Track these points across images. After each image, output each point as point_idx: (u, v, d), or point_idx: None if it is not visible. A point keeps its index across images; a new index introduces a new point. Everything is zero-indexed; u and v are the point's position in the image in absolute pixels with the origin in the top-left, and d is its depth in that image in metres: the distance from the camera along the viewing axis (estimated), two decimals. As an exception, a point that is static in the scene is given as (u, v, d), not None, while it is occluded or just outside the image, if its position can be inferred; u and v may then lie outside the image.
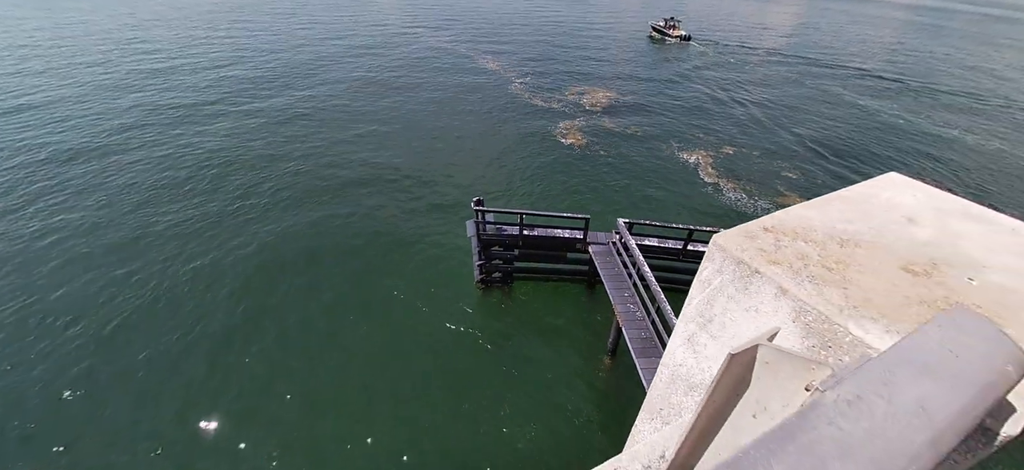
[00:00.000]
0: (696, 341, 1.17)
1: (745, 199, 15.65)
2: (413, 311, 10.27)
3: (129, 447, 7.40)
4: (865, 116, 24.83)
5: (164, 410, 8.00)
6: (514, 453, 7.67)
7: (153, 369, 8.71)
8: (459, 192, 15.27)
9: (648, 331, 8.31)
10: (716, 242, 1.04)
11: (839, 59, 39.97)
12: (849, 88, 30.30)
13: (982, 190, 17.38)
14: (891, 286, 0.91)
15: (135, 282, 10.75)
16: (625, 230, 9.63)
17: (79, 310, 9.88)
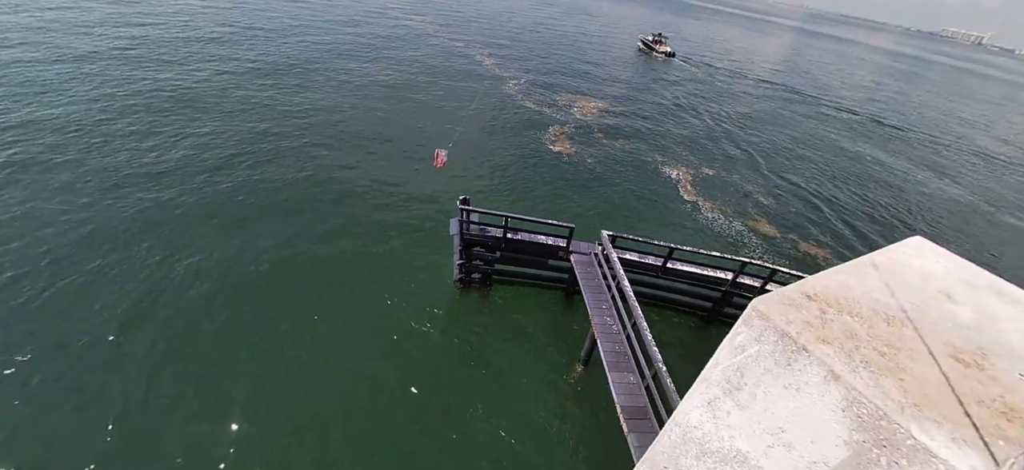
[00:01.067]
0: (718, 406, 1.08)
1: (721, 220, 16.04)
2: (385, 305, 9.96)
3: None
4: (838, 153, 26.00)
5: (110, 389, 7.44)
6: (479, 453, 7.53)
7: (90, 352, 8.09)
8: (443, 187, 14.99)
9: (623, 345, 8.33)
10: (756, 308, 0.95)
11: (820, 93, 41.80)
12: (827, 123, 31.68)
13: (936, 231, 18.41)
14: (945, 379, 0.84)
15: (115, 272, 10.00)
16: (608, 243, 9.64)
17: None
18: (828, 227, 16.98)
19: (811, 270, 13.46)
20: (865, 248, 16.05)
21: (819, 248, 15.50)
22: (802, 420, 0.86)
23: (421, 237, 12.37)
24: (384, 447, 7.37)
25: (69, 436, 6.79)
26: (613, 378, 7.74)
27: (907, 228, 18.41)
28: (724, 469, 0.97)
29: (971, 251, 17.40)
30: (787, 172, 21.33)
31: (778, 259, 14.34)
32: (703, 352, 8.48)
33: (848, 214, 18.29)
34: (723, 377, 1.06)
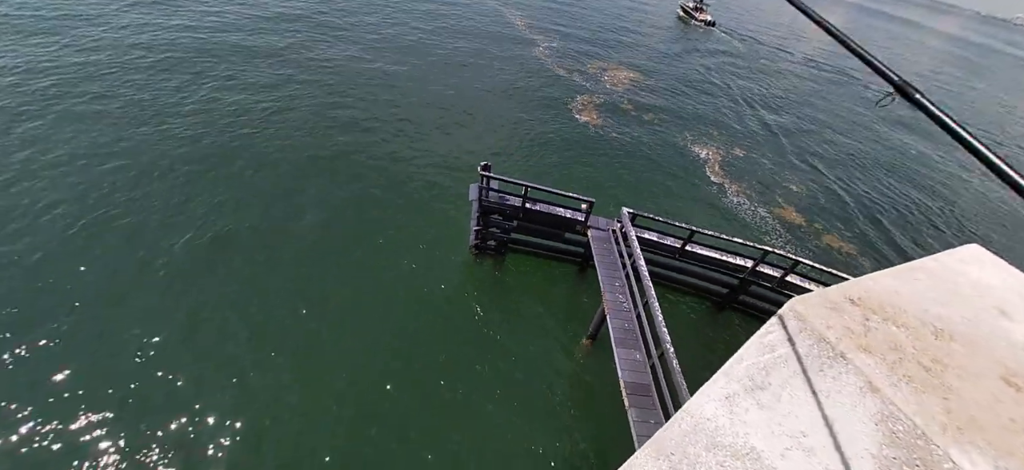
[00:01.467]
0: (736, 402, 1.04)
1: (746, 204, 15.53)
2: (397, 264, 10.15)
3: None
4: (879, 143, 24.48)
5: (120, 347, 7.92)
6: (478, 415, 7.80)
7: (83, 311, 8.55)
8: (463, 149, 14.87)
9: (632, 323, 8.35)
10: (794, 308, 0.89)
11: (870, 77, 38.92)
12: (872, 110, 29.71)
13: (984, 241, 17.43)
14: (994, 402, 0.77)
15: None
16: (627, 220, 9.48)
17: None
18: (855, 223, 16.25)
19: (831, 264, 13.05)
20: (890, 248, 15.35)
21: (842, 242, 14.92)
22: (828, 428, 0.82)
23: (437, 199, 12.41)
24: (384, 402, 7.70)
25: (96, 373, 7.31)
26: (619, 354, 7.80)
27: (942, 233, 17.48)
28: (735, 463, 0.94)
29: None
30: (821, 160, 20.30)
31: (800, 250, 13.90)
32: (711, 338, 8.46)
33: (879, 211, 17.41)
34: (746, 374, 1.02)
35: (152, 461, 6.37)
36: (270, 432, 6.95)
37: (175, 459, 6.44)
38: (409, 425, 7.44)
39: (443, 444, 7.33)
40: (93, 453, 6.31)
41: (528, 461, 7.39)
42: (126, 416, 6.74)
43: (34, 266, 8.47)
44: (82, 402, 6.78)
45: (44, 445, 6.28)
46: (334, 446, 6.96)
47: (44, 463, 6.12)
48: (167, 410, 6.91)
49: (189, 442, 6.64)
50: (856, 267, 13.76)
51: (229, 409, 7.10)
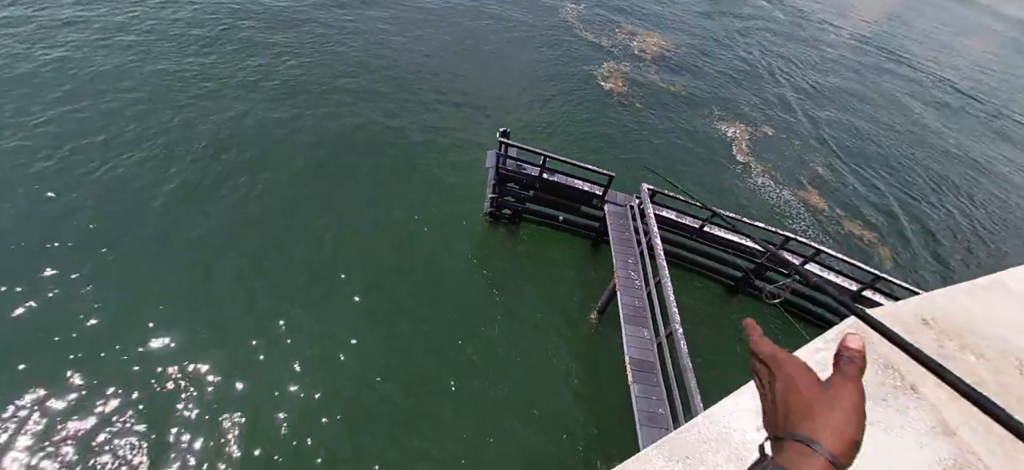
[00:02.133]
0: None
1: (771, 186, 14.96)
2: (410, 225, 10.16)
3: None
4: (918, 129, 23.00)
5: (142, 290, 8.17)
6: (482, 377, 7.97)
7: (128, 247, 8.76)
8: (482, 113, 14.52)
9: (642, 301, 8.29)
10: (858, 324, 0.78)
11: (922, 61, 36.24)
12: (915, 94, 27.81)
13: (997, 250, 16.53)
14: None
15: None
16: (647, 196, 9.22)
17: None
18: (883, 211, 15.52)
19: (853, 252, 12.63)
20: (918, 240, 14.66)
21: (865, 230, 14.33)
22: (883, 463, 0.72)
23: (454, 163, 12.23)
24: (393, 358, 7.89)
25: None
26: (627, 330, 7.79)
27: (980, 234, 16.62)
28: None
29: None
30: (854, 144, 19.25)
31: (822, 235, 13.45)
32: (720, 321, 8.26)
33: (910, 203, 16.56)
34: None
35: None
36: (279, 383, 7.24)
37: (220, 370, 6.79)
38: (414, 380, 7.66)
39: (444, 401, 7.55)
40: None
41: (528, 423, 7.58)
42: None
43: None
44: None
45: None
46: (341, 396, 7.24)
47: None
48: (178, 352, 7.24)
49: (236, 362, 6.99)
50: (875, 258, 13.29)
51: (244, 355, 7.39)
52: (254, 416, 6.81)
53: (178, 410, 6.66)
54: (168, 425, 6.51)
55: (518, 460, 7.15)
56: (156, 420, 6.52)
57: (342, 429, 6.91)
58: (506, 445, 7.26)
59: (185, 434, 6.47)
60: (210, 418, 6.66)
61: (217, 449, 6.42)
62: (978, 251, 15.43)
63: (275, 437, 6.66)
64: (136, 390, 6.73)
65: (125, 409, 6.53)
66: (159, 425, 6.48)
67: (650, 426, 6.62)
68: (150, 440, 6.34)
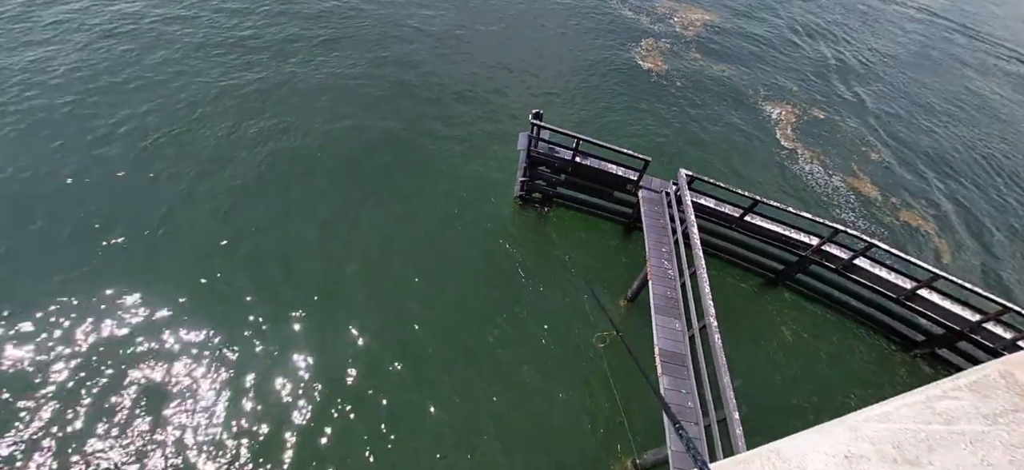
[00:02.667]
0: (860, 467, 0.83)
1: (820, 172, 14.00)
2: (440, 210, 10.22)
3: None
4: (986, 114, 20.67)
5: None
6: (504, 359, 8.06)
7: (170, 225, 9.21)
8: (513, 91, 14.24)
9: (675, 292, 8.04)
10: (1011, 373, 0.65)
11: (998, 37, 32.40)
12: (989, 76, 24.98)
13: None
14: None
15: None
16: (685, 183, 8.83)
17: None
18: (941, 203, 14.20)
19: (906, 246, 11.73)
20: (976, 239, 13.32)
21: (922, 220, 13.22)
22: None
23: (485, 143, 12.13)
24: (414, 327, 8.07)
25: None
26: (658, 321, 7.60)
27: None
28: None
29: None
30: (913, 128, 17.60)
31: (875, 227, 12.53)
32: (754, 315, 7.94)
33: (972, 196, 15.04)
34: (892, 439, 0.80)
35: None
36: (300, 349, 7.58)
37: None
38: (434, 360, 7.83)
39: (468, 378, 7.69)
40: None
41: (551, 406, 7.63)
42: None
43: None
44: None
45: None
46: (367, 352, 7.50)
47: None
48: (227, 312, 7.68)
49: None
50: (932, 251, 12.27)
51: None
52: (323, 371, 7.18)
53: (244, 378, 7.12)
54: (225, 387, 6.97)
55: (541, 439, 7.23)
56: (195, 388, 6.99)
57: (395, 382, 7.21)
58: (530, 424, 7.35)
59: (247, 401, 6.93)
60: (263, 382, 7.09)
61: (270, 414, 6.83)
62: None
63: (342, 387, 7.01)
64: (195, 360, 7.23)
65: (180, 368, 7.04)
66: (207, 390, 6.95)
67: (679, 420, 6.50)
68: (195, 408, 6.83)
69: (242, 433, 6.63)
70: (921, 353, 9.44)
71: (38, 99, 10.63)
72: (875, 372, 9.17)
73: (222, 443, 6.50)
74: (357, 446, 6.74)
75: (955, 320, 8.59)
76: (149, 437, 6.42)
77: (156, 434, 6.46)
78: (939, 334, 8.99)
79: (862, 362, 9.30)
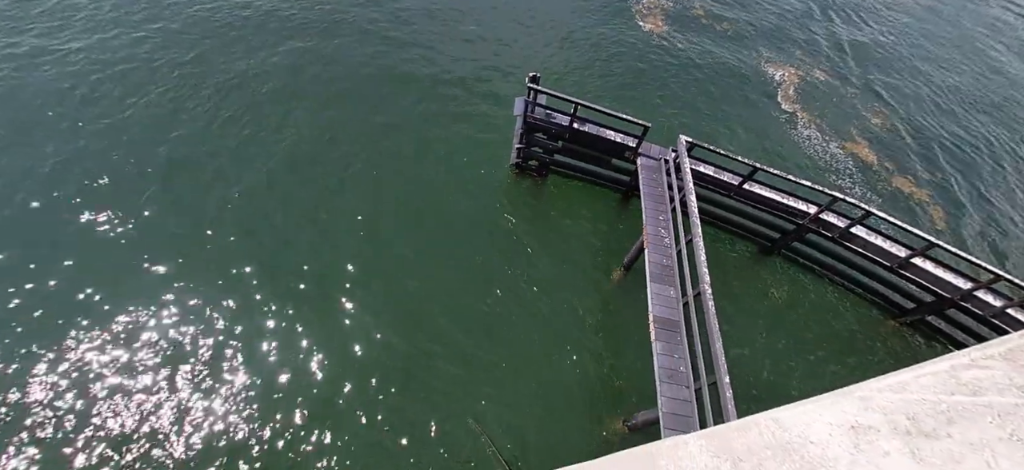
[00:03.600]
0: (870, 438, 0.76)
1: (817, 138, 13.79)
2: (435, 173, 10.01)
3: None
4: (994, 79, 20.20)
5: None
6: (501, 323, 8.14)
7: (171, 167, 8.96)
8: (510, 53, 13.71)
9: (671, 260, 8.02)
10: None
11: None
12: (999, 35, 24.21)
13: None
14: None
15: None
16: (684, 150, 8.64)
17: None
18: (936, 169, 14.09)
19: (901, 213, 11.72)
20: (973, 206, 13.27)
21: (916, 188, 13.18)
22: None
23: (480, 109, 11.77)
24: (410, 299, 8.07)
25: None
26: (653, 288, 7.61)
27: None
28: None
29: None
30: (914, 91, 17.23)
31: (870, 193, 12.48)
32: (748, 282, 7.96)
33: (968, 161, 14.87)
34: (906, 411, 0.73)
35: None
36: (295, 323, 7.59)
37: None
38: (433, 328, 7.87)
39: (467, 345, 7.76)
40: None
41: (546, 369, 7.75)
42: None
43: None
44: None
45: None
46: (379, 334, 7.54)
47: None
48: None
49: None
50: (927, 219, 12.28)
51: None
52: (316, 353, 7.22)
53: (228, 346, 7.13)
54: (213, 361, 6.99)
55: (537, 402, 7.38)
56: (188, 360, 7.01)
57: (388, 358, 7.28)
58: (527, 388, 7.48)
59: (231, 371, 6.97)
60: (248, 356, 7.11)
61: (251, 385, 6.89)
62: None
63: (342, 364, 7.08)
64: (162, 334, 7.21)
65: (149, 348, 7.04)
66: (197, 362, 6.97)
67: (670, 383, 6.61)
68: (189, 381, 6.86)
69: (252, 398, 6.71)
70: (910, 320, 9.57)
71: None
72: (863, 338, 9.33)
73: (222, 419, 6.58)
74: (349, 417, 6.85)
75: (946, 288, 8.65)
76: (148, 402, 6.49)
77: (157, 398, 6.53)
78: (929, 302, 9.09)
79: (850, 329, 9.45)
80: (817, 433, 0.87)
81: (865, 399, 0.80)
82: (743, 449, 1.09)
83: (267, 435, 6.46)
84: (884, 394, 0.78)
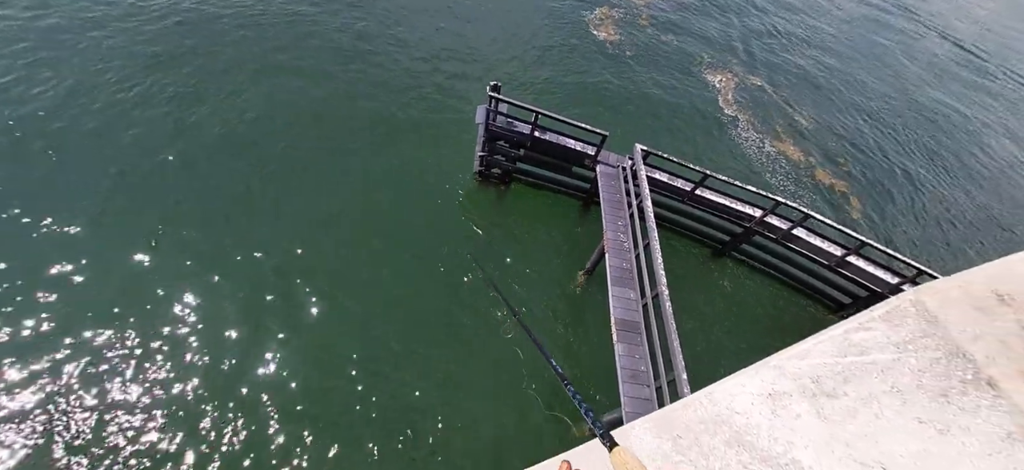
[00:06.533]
0: (784, 403, 0.80)
1: (754, 139, 14.81)
2: (397, 183, 9.83)
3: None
4: (902, 83, 22.56)
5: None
6: (462, 328, 8.03)
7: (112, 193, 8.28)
8: (469, 63, 13.79)
9: (630, 263, 8.26)
10: (922, 302, 0.62)
11: (929, 17, 35.01)
12: (909, 49, 27.12)
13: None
14: None
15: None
16: (639, 157, 8.97)
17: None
18: (858, 163, 15.56)
19: (826, 206, 12.76)
20: (888, 194, 14.76)
21: (835, 179, 14.45)
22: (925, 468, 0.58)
23: (441, 119, 11.70)
24: (378, 313, 7.82)
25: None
26: (613, 292, 7.79)
27: (945, 193, 16.78)
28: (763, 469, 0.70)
29: None
30: (841, 99, 18.94)
31: (796, 189, 13.54)
32: (703, 283, 8.33)
33: (886, 156, 16.51)
34: (811, 374, 0.77)
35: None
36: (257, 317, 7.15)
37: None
38: (399, 334, 7.65)
39: (430, 353, 7.59)
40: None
41: (509, 372, 7.70)
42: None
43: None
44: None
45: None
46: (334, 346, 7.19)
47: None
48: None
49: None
50: (846, 209, 13.47)
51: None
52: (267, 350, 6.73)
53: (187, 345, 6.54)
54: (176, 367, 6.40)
55: (503, 407, 7.31)
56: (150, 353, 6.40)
57: (338, 368, 6.92)
58: (491, 393, 7.39)
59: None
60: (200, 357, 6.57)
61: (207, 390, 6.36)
62: (948, 210, 15.66)
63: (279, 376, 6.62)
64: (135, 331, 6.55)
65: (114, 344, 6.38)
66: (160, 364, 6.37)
67: (632, 383, 6.75)
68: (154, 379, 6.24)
69: (211, 397, 6.17)
70: (848, 315, 10.38)
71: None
72: (806, 332, 9.95)
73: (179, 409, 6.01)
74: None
75: (878, 283, 9.47)
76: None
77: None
78: (864, 296, 9.89)
79: (794, 323, 10.09)
80: (741, 404, 0.90)
81: (778, 368, 0.85)
82: (682, 426, 1.12)
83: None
84: (792, 362, 0.83)
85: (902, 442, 0.64)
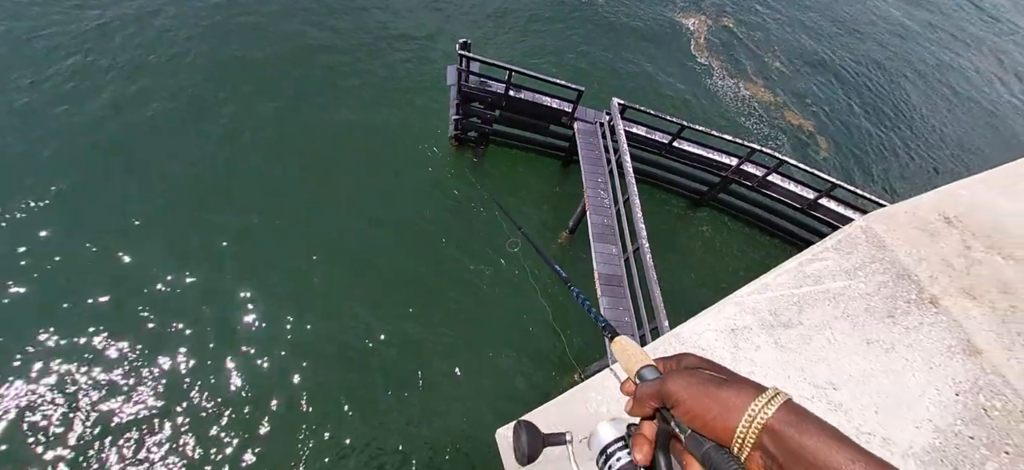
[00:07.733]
0: (744, 337, 0.82)
1: (729, 83, 14.81)
2: (372, 149, 9.53)
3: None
4: (878, 24, 22.66)
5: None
6: (450, 291, 8.12)
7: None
8: (442, 21, 13.13)
9: (611, 219, 8.35)
10: (872, 229, 0.62)
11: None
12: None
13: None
14: None
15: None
16: (617, 112, 8.87)
17: None
18: (827, 102, 15.84)
19: (795, 145, 13.06)
20: (857, 132, 15.17)
21: (803, 120, 14.75)
22: (873, 386, 0.60)
23: (415, 81, 11.24)
24: (363, 281, 7.79)
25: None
26: (596, 248, 7.92)
27: (922, 134, 17.32)
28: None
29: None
30: (807, 38, 18.94)
31: (768, 130, 13.76)
32: (682, 233, 8.48)
33: (855, 96, 16.84)
34: (769, 307, 0.79)
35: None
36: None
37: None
38: (382, 303, 7.68)
39: (416, 320, 7.68)
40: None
41: (499, 329, 7.89)
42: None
43: None
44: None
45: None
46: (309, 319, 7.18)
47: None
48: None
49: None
50: (813, 147, 13.84)
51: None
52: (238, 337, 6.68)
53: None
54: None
55: (495, 364, 7.53)
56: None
57: (315, 343, 6.96)
58: (483, 351, 7.58)
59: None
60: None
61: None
62: (914, 149, 16.23)
63: (254, 361, 6.62)
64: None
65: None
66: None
67: (617, 335, 7.00)
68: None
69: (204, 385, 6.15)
70: (817, 253, 10.83)
71: None
72: (781, 274, 10.45)
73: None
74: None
75: (846, 222, 9.85)
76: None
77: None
78: (833, 235, 10.32)
79: (771, 267, 10.51)
80: (707, 340, 0.93)
81: (739, 303, 0.87)
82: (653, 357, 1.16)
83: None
84: (752, 296, 0.85)
85: (852, 362, 0.67)
